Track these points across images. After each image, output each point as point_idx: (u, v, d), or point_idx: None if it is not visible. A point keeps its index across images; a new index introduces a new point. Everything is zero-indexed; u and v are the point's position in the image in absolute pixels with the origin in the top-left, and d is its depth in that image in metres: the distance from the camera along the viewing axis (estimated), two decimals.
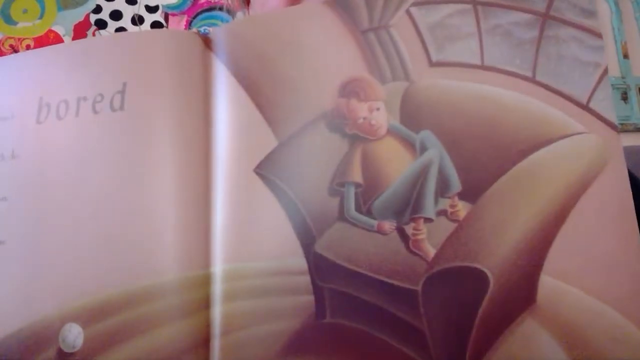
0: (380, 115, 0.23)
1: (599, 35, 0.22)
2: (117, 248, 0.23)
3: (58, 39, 1.26)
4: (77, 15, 1.28)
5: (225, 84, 0.24)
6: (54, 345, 0.23)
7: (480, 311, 0.20)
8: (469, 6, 0.22)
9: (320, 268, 0.22)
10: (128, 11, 1.30)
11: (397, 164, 0.22)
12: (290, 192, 0.23)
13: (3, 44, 1.24)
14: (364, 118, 0.23)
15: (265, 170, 0.23)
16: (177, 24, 1.31)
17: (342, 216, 0.22)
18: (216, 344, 0.22)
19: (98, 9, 1.29)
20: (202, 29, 1.31)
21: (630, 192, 0.20)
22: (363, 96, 0.23)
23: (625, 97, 1.40)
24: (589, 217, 0.20)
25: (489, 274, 0.20)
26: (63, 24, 1.27)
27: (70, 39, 1.26)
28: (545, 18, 0.22)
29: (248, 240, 0.23)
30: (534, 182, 0.21)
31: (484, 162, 0.21)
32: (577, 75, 0.22)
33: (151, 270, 0.23)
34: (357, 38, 0.23)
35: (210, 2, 1.33)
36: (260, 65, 0.24)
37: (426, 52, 0.23)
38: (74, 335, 0.23)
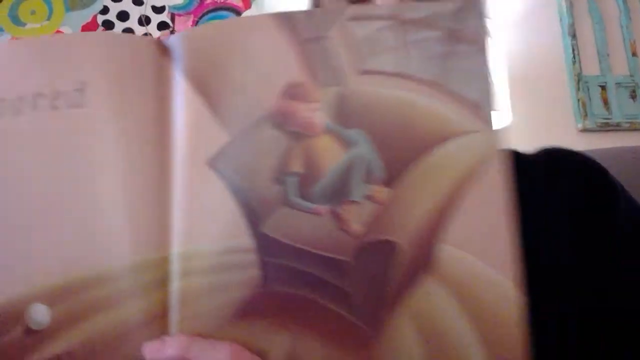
0: (317, 115, 0.27)
1: (487, 53, 0.27)
2: (77, 236, 0.26)
3: None
4: (84, 16, 1.28)
5: (181, 88, 0.27)
6: (20, 324, 0.26)
7: (393, 273, 0.26)
8: (393, 22, 0.27)
9: (267, 246, 0.26)
10: (135, 12, 1.31)
11: (331, 157, 0.26)
12: (239, 182, 0.27)
13: None
14: (304, 117, 0.27)
15: (217, 163, 0.27)
16: (184, 24, 1.32)
17: (285, 202, 0.26)
18: (174, 316, 0.26)
19: (105, 10, 1.29)
20: None
21: (505, 177, 0.26)
22: (303, 98, 0.27)
23: (634, 96, 1.39)
24: (477, 198, 0.26)
25: (399, 245, 0.26)
26: (71, 25, 1.28)
27: None
28: (450, 36, 0.27)
29: (201, 224, 0.26)
30: (437, 170, 0.26)
31: (402, 154, 0.26)
32: (473, 84, 0.26)
33: (108, 254, 0.26)
34: (298, 47, 0.27)
35: (217, 2, 1.34)
36: (213, 71, 0.28)
37: (357, 62, 0.27)
38: (41, 314, 0.26)
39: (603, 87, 1.39)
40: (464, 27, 0.27)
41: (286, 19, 0.28)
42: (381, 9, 0.29)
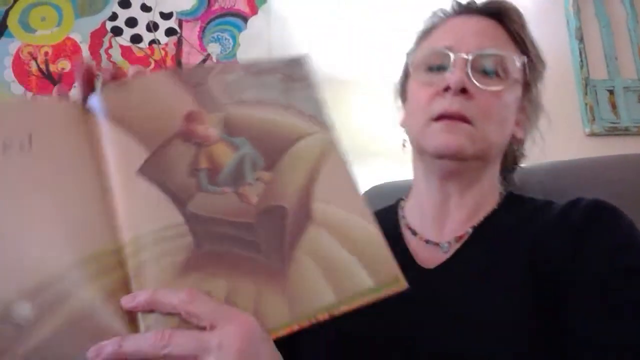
0: (210, 131, 0.40)
1: (316, 87, 0.45)
2: (35, 244, 0.34)
3: (75, 47, 1.29)
4: (93, 22, 1.30)
5: (105, 126, 0.39)
6: (7, 320, 0.32)
7: (286, 227, 0.38)
8: (249, 72, 0.44)
9: (194, 220, 0.37)
10: (143, 18, 1.32)
11: (226, 156, 0.39)
12: (164, 180, 0.37)
13: (22, 51, 1.26)
14: (202, 132, 0.40)
15: (144, 171, 0.37)
16: (191, 30, 1.33)
17: (200, 188, 0.38)
18: (134, 285, 0.34)
19: (114, 17, 1.31)
20: (214, 36, 1.33)
21: (342, 155, 0.43)
22: (199, 121, 0.40)
23: None
24: (328, 170, 0.41)
25: (287, 206, 0.39)
26: (80, 32, 1.29)
27: (87, 46, 1.29)
28: (287, 78, 0.45)
29: (141, 215, 0.36)
30: (298, 157, 0.41)
31: (273, 151, 0.41)
32: (308, 104, 0.44)
33: (55, 257, 0.34)
34: (190, 89, 0.41)
35: (224, 8, 1.35)
36: (134, 111, 0.40)
37: (230, 96, 0.42)
38: (23, 308, 0.32)
39: (611, 91, 1.38)
40: (293, 72, 0.45)
41: (179, 74, 0.42)
42: (238, 66, 0.45)
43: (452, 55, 0.56)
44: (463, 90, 0.54)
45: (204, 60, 1.32)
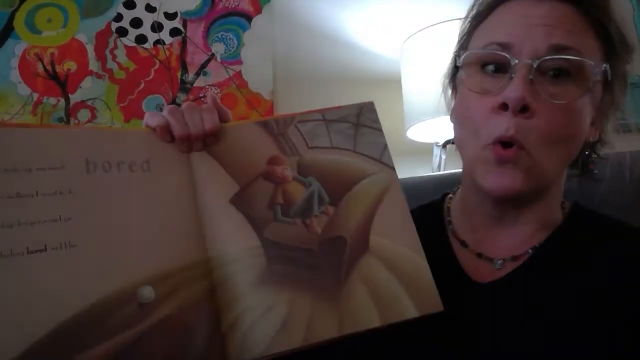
0: (287, 171, 0.48)
1: (380, 131, 0.52)
2: (152, 244, 0.42)
3: (81, 48, 1.29)
4: (99, 23, 1.31)
5: (207, 160, 0.47)
6: (133, 301, 0.39)
7: (345, 255, 0.45)
8: (321, 122, 0.51)
9: (268, 244, 0.44)
10: (148, 19, 1.32)
11: (298, 193, 0.47)
12: (250, 211, 0.46)
13: (28, 52, 1.27)
14: (281, 173, 0.48)
15: (234, 201, 0.46)
16: (195, 30, 1.33)
17: (275, 219, 0.46)
18: (218, 292, 0.42)
19: (119, 17, 1.31)
20: (219, 36, 1.33)
21: (401, 193, 0.49)
22: (279, 163, 0.48)
23: None
24: (386, 206, 0.48)
25: (346, 237, 0.46)
26: (85, 33, 1.30)
27: (93, 47, 1.29)
28: (356, 125, 0.52)
29: (229, 235, 0.44)
30: (360, 194, 0.48)
31: (339, 188, 0.48)
32: (372, 148, 0.51)
33: (176, 256, 0.43)
34: (272, 137, 0.49)
35: (228, 8, 1.35)
36: (228, 152, 0.48)
37: (305, 143, 0.50)
38: (148, 291, 0.40)
39: None
40: (361, 119, 0.52)
41: (266, 125, 0.50)
42: (314, 116, 0.51)
43: (513, 61, 0.45)
44: (524, 108, 0.44)
45: (209, 60, 1.32)
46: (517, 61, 0.45)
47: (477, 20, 0.52)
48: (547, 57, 0.44)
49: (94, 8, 1.31)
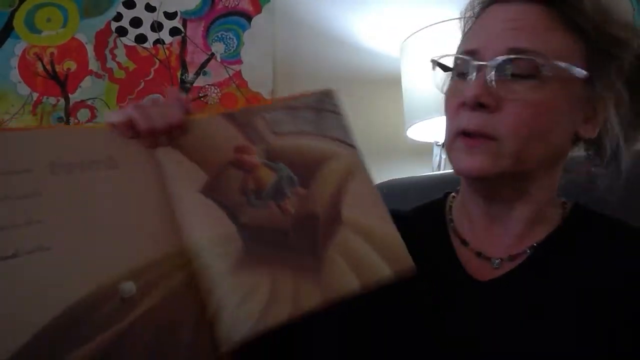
0: (255, 159, 0.48)
1: (342, 115, 0.54)
2: (126, 240, 0.42)
3: (81, 47, 1.29)
4: (98, 23, 1.31)
5: (174, 154, 0.47)
6: (115, 297, 0.39)
7: (319, 230, 0.47)
8: (285, 109, 0.52)
9: (243, 228, 0.45)
10: (147, 18, 1.32)
11: (269, 178, 0.48)
12: (221, 198, 0.46)
13: (28, 52, 1.27)
14: (249, 161, 0.48)
15: (205, 191, 0.46)
16: (195, 29, 1.33)
17: (249, 204, 0.46)
18: (199, 279, 0.43)
19: (119, 17, 1.31)
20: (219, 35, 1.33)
21: (366, 169, 0.51)
22: (247, 152, 0.48)
23: None
24: (354, 183, 0.50)
25: (319, 214, 0.48)
26: (85, 32, 1.30)
27: (92, 46, 1.29)
28: (317, 110, 0.53)
29: (203, 224, 0.45)
30: (328, 175, 0.50)
31: (307, 171, 0.49)
32: (335, 130, 0.53)
33: (149, 249, 0.43)
34: (239, 128, 0.49)
35: (228, 7, 1.35)
36: (195, 144, 0.48)
37: (270, 130, 0.51)
38: (129, 286, 0.40)
39: None
40: (323, 105, 0.54)
41: (230, 115, 0.50)
42: (277, 106, 0.52)
43: (472, 65, 0.49)
44: (482, 105, 0.48)
45: (208, 60, 1.32)
46: (475, 64, 0.49)
47: (467, 26, 0.56)
48: (500, 60, 0.48)
49: (94, 8, 1.31)
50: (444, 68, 0.56)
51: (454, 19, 0.61)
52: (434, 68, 0.57)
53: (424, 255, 0.46)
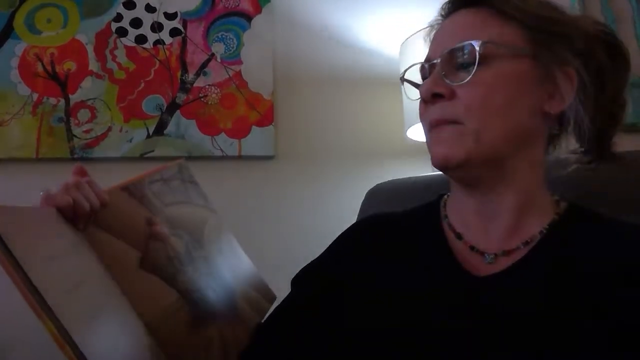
0: (165, 229, 0.57)
1: (198, 184, 0.66)
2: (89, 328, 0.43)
3: (81, 48, 1.29)
4: (99, 23, 1.31)
5: (103, 236, 0.51)
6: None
7: (231, 284, 0.62)
8: (161, 182, 0.59)
9: (184, 293, 0.53)
10: (147, 19, 1.33)
11: (179, 245, 0.57)
12: (158, 270, 0.52)
13: (28, 52, 1.27)
14: (162, 231, 0.56)
15: (145, 266, 0.51)
16: (195, 30, 1.33)
17: (180, 270, 0.55)
18: (166, 348, 0.50)
19: (119, 18, 1.31)
20: (219, 35, 1.33)
21: (229, 233, 0.68)
22: (156, 223, 0.55)
23: None
24: (225, 243, 0.68)
25: (226, 274, 0.62)
26: (85, 33, 1.30)
27: (92, 47, 1.29)
28: (182, 180, 0.64)
29: (151, 298, 0.50)
30: (207, 232, 0.63)
31: (197, 234, 0.61)
32: (199, 198, 0.65)
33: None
34: (138, 200, 0.54)
35: (228, 8, 1.35)
36: (114, 223, 0.51)
37: (162, 200, 0.57)
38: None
39: None
40: (183, 176, 0.62)
41: (126, 189, 0.54)
42: (154, 177, 0.59)
43: (425, 65, 0.57)
44: (438, 96, 0.53)
45: (208, 60, 1.32)
46: (427, 66, 0.57)
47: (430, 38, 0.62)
48: (444, 53, 0.54)
49: (94, 8, 1.31)
50: (411, 82, 0.63)
51: None
52: (402, 83, 0.63)
53: (419, 250, 0.46)
